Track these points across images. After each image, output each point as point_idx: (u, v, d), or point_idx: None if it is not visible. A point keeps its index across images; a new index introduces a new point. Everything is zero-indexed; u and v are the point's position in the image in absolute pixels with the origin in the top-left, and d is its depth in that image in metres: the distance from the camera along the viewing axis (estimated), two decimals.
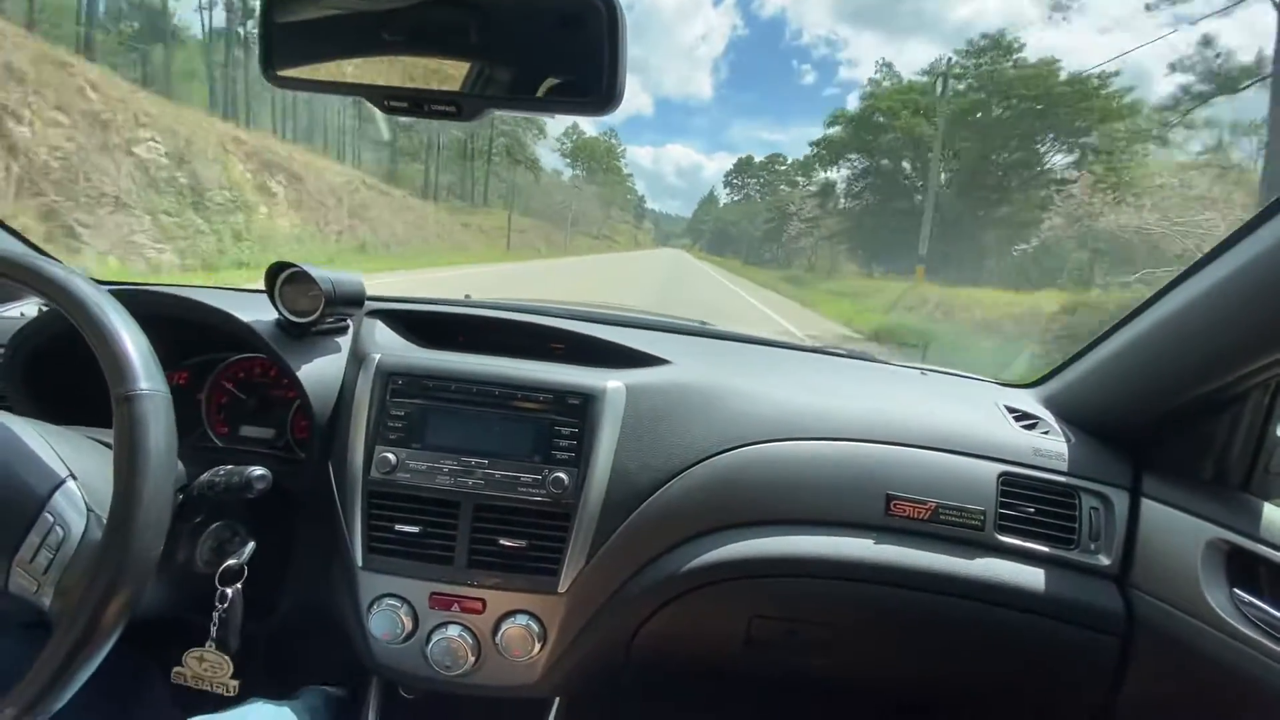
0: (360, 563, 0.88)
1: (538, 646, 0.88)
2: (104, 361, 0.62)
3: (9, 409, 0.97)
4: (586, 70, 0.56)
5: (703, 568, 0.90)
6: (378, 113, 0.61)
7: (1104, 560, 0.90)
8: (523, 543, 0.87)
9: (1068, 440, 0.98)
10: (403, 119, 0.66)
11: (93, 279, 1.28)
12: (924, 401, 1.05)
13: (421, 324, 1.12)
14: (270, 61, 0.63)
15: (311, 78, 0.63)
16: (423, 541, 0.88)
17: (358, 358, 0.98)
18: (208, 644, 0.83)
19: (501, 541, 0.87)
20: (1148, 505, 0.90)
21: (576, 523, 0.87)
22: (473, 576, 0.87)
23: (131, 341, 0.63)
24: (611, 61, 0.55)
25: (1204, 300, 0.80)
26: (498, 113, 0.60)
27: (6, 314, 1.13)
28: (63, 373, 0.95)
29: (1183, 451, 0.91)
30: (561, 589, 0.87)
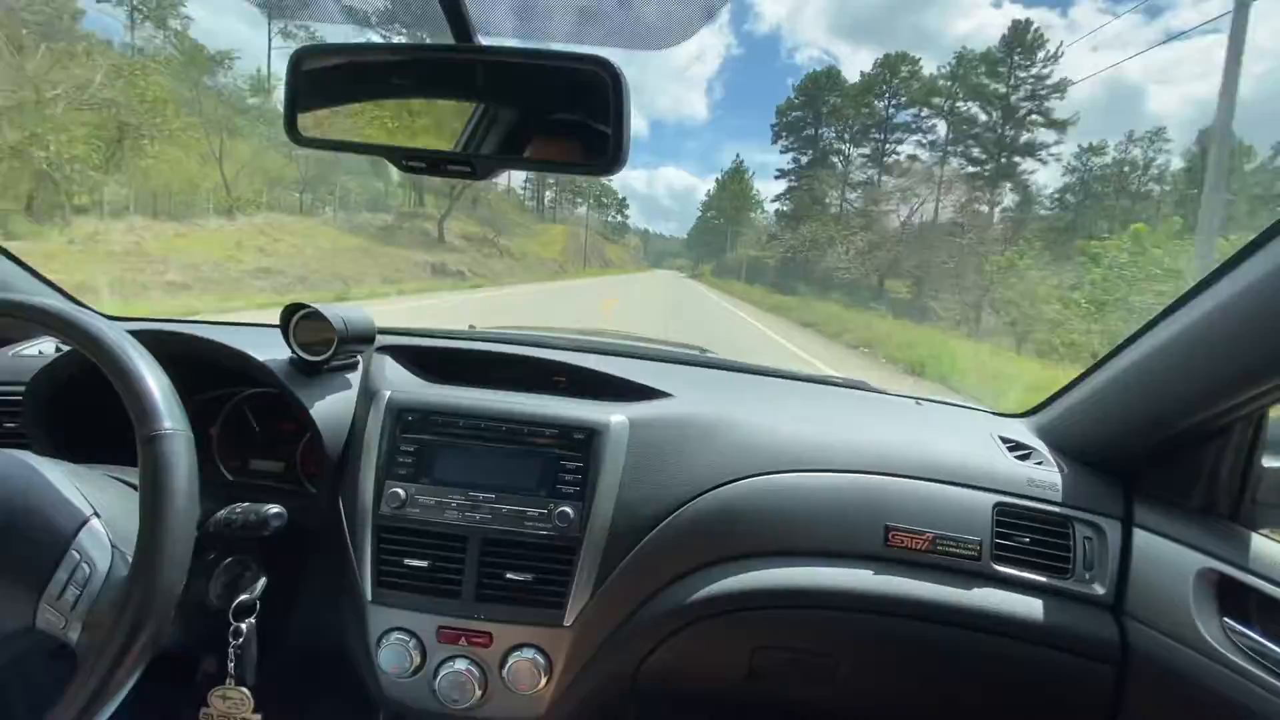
0: (369, 596, 0.90)
1: (544, 679, 0.89)
2: (129, 403, 0.65)
3: (27, 447, 1.00)
4: (593, 134, 0.60)
5: (705, 600, 0.91)
6: None
7: (1098, 589, 0.92)
8: (529, 576, 0.89)
9: (1060, 470, 1.00)
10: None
11: (109, 317, 1.32)
12: (921, 432, 1.07)
13: (429, 359, 1.15)
14: (295, 123, 0.67)
15: (334, 138, 0.67)
16: (431, 576, 0.90)
17: (368, 394, 1.01)
18: (227, 681, 0.84)
19: (508, 575, 0.89)
20: (1139, 535, 0.93)
21: (582, 556, 0.89)
22: (480, 610, 0.89)
23: (155, 382, 0.66)
24: (617, 127, 0.58)
25: (1192, 333, 0.82)
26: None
27: (25, 353, 1.16)
28: (82, 412, 0.98)
29: (1172, 482, 0.93)
30: (567, 622, 0.89)
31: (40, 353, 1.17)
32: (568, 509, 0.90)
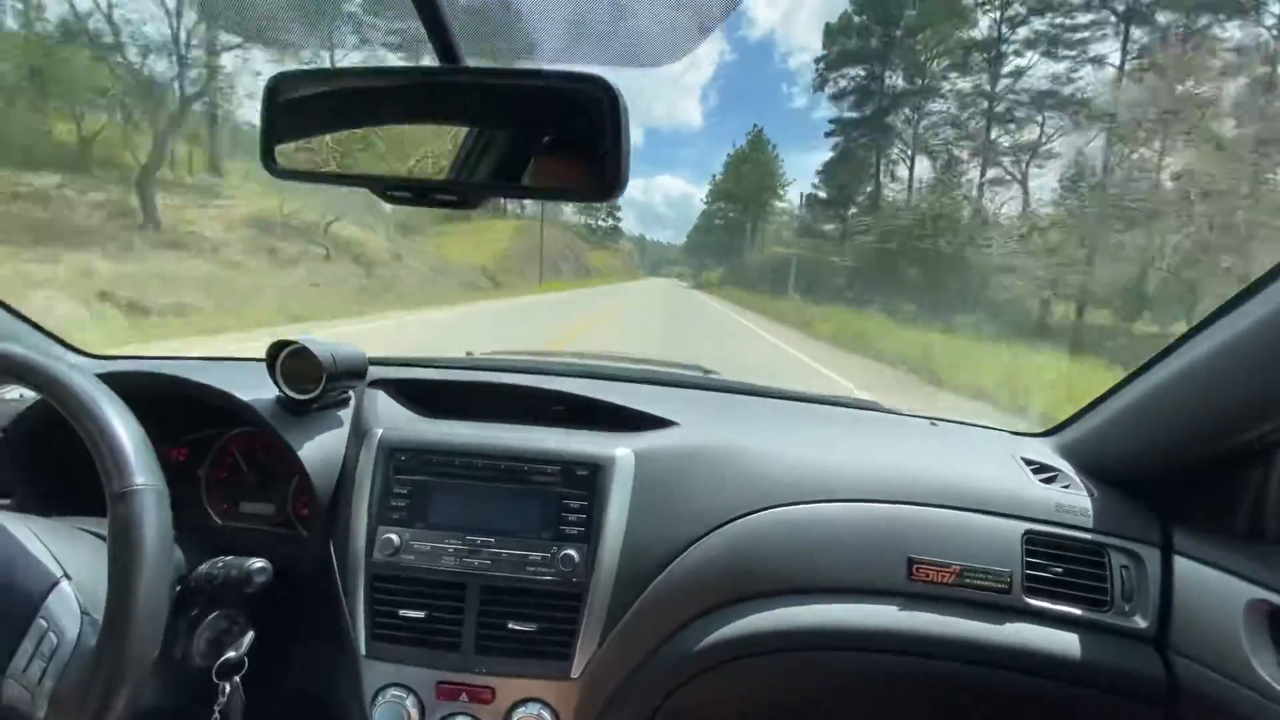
0: (363, 650, 0.85)
1: None
2: (98, 458, 0.61)
3: (4, 495, 0.95)
4: (591, 157, 0.55)
5: (721, 644, 0.86)
6: None
7: (1140, 622, 0.86)
8: (532, 626, 0.84)
9: (1090, 494, 0.95)
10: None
11: (94, 356, 1.27)
12: (939, 456, 1.02)
13: (423, 392, 1.11)
14: (272, 154, 0.63)
15: (314, 169, 0.63)
16: (428, 627, 0.84)
17: (359, 433, 0.96)
18: None
19: (510, 625, 0.84)
20: (1181, 563, 0.87)
21: (588, 602, 0.84)
22: (481, 663, 0.83)
23: (125, 433, 0.62)
24: (615, 148, 0.54)
25: (1236, 344, 0.77)
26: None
27: (6, 396, 1.12)
28: (60, 458, 0.93)
29: (1213, 505, 0.88)
30: (575, 674, 0.83)
31: (21, 395, 1.12)
32: (572, 552, 0.85)
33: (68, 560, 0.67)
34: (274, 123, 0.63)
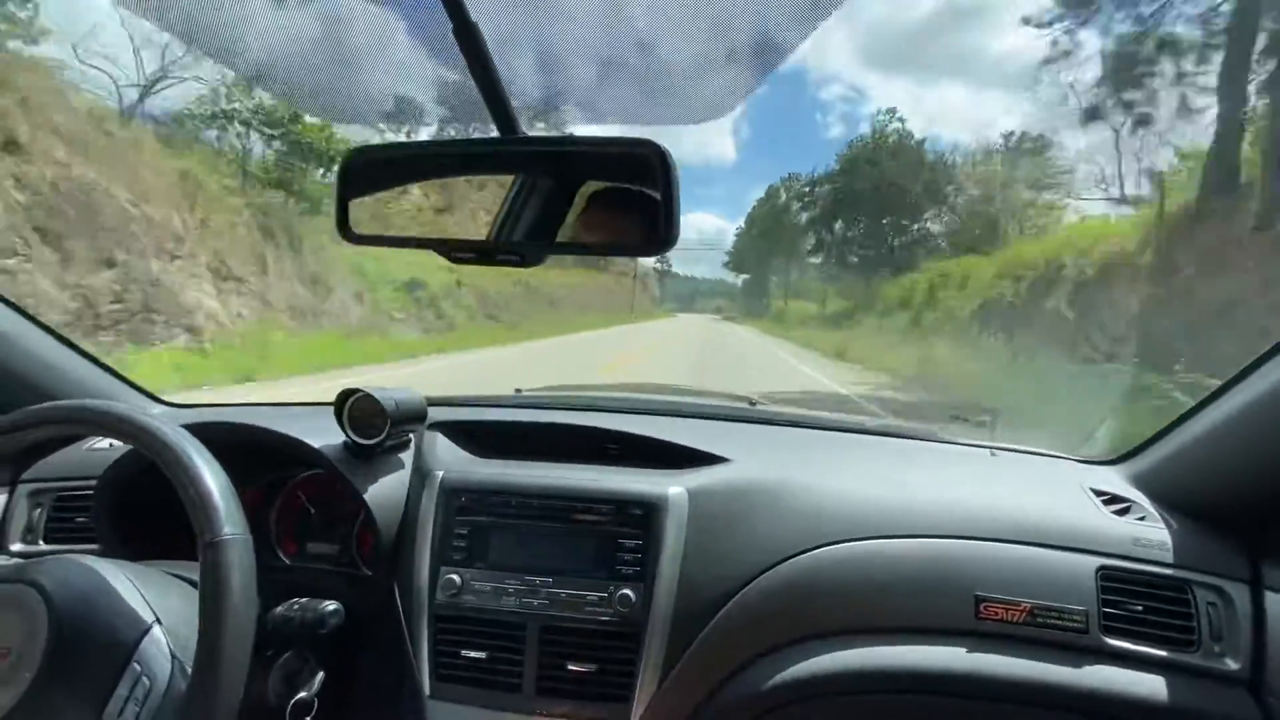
0: (428, 691, 0.87)
1: None
2: (190, 507, 0.65)
3: (94, 539, 1.02)
4: (643, 214, 0.58)
5: (781, 686, 0.84)
6: None
7: (1231, 664, 0.81)
8: (592, 667, 0.84)
9: (1169, 526, 0.90)
10: None
11: (170, 404, 1.36)
12: (1003, 488, 0.99)
13: (480, 432, 1.14)
14: (346, 222, 0.68)
15: (386, 234, 0.68)
16: (490, 667, 0.86)
17: (421, 474, 0.99)
18: None
19: (570, 666, 0.84)
20: (1273, 599, 0.82)
21: (646, 642, 0.84)
22: (542, 705, 0.84)
23: (215, 484, 0.66)
24: (667, 205, 0.57)
25: None
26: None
27: (97, 446, 1.20)
28: (148, 506, 0.99)
29: None
30: (634, 716, 0.83)
31: (111, 445, 1.21)
32: (628, 591, 0.86)
33: (159, 604, 0.70)
34: (348, 193, 0.68)
